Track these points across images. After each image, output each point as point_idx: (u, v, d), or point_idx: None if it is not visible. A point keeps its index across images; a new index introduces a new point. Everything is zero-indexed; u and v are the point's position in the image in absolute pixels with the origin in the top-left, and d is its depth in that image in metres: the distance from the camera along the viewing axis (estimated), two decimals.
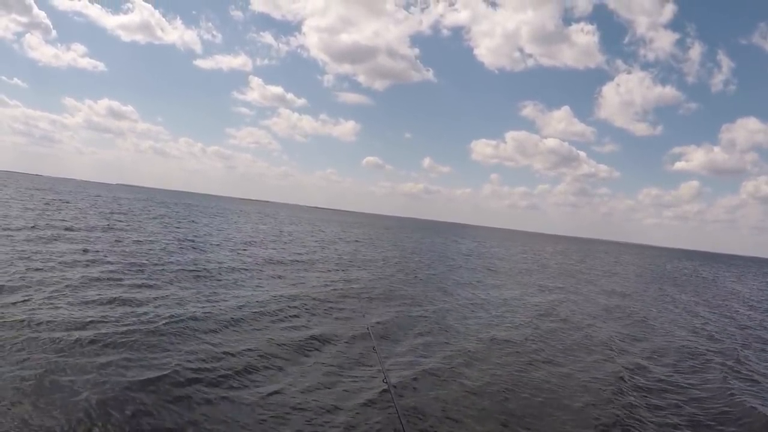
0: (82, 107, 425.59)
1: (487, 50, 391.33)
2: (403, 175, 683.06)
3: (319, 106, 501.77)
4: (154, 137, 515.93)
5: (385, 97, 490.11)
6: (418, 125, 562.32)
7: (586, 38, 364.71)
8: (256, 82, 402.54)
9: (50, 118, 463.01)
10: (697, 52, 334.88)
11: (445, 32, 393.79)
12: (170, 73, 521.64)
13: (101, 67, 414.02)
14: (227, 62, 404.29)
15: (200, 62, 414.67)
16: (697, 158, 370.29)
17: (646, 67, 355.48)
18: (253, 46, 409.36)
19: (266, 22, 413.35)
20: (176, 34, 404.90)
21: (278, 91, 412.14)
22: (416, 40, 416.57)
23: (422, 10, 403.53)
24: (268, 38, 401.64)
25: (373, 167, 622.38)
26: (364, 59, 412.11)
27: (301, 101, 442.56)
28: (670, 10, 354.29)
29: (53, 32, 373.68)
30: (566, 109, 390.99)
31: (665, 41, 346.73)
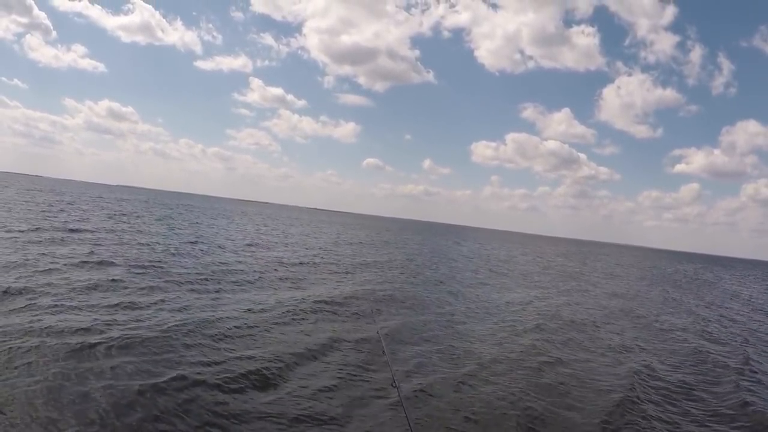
0: (82, 108, 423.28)
1: (487, 52, 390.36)
2: (403, 176, 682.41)
3: (319, 107, 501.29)
4: (154, 138, 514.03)
5: (385, 98, 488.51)
6: (418, 127, 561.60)
7: (586, 40, 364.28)
8: (256, 83, 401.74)
9: (50, 119, 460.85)
10: (697, 54, 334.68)
11: (445, 34, 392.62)
12: (170, 74, 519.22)
13: (101, 68, 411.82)
14: (227, 63, 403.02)
15: (200, 63, 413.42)
16: (697, 161, 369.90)
17: (646, 69, 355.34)
18: (253, 47, 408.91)
19: (267, 23, 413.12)
20: (177, 35, 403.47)
21: (278, 92, 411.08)
22: (417, 41, 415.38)
23: (423, 11, 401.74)
24: (268, 39, 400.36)
25: (373, 169, 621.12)
26: (364, 61, 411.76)
27: (301, 102, 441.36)
28: (670, 12, 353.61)
29: (53, 33, 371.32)
30: (567, 111, 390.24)
31: (666, 43, 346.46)
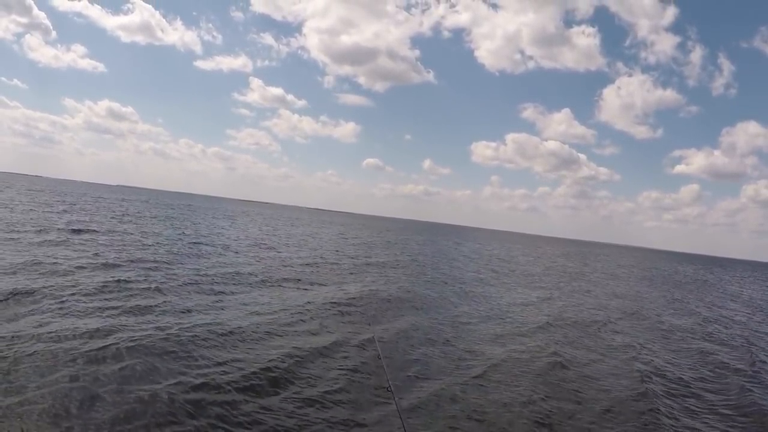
0: (82, 108, 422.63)
1: (487, 52, 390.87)
2: (403, 176, 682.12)
3: (319, 107, 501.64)
4: (154, 138, 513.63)
5: (385, 98, 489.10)
6: (418, 127, 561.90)
7: (587, 41, 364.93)
8: (256, 83, 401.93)
9: (50, 119, 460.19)
10: (698, 55, 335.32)
11: (445, 34, 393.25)
12: (170, 74, 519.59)
13: (101, 68, 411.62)
14: (227, 63, 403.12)
15: (200, 63, 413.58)
16: (697, 162, 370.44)
17: (647, 70, 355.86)
18: (253, 47, 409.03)
19: (267, 23, 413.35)
20: (176, 35, 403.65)
21: (278, 92, 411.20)
22: (417, 41, 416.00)
23: (423, 11, 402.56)
24: (268, 39, 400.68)
25: (373, 169, 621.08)
26: (364, 61, 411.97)
27: (301, 102, 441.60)
28: (671, 13, 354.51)
29: (53, 33, 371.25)
30: (567, 111, 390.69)
31: (666, 44, 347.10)
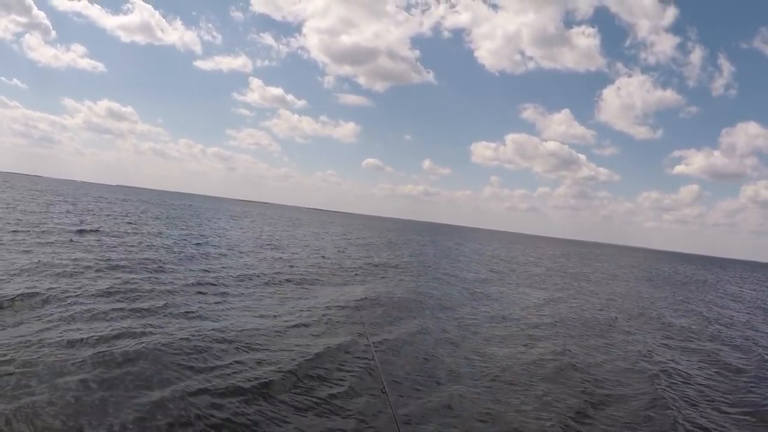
0: (81, 108, 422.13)
1: (487, 52, 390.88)
2: (403, 176, 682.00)
3: (319, 107, 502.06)
4: (154, 138, 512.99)
5: (385, 98, 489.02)
6: (418, 127, 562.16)
7: (587, 41, 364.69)
8: (256, 83, 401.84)
9: (50, 119, 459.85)
10: (698, 55, 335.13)
11: (445, 34, 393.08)
12: (170, 74, 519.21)
13: (101, 67, 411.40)
14: (227, 63, 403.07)
15: (200, 63, 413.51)
16: (697, 162, 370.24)
17: (646, 70, 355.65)
18: (253, 47, 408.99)
19: (267, 23, 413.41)
20: (176, 34, 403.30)
21: (278, 92, 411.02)
22: (417, 41, 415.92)
23: (423, 11, 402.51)
24: (268, 39, 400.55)
25: (373, 169, 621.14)
26: (364, 61, 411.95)
27: (301, 102, 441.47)
28: (671, 13, 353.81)
29: (53, 33, 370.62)
30: (566, 112, 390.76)
31: (666, 45, 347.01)
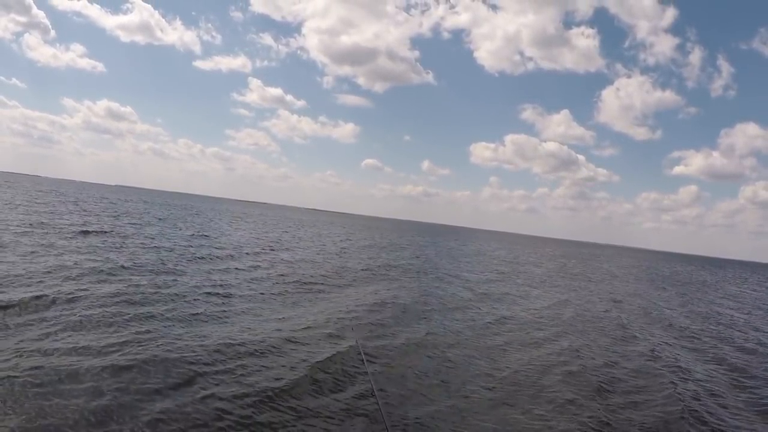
0: (81, 108, 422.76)
1: (487, 53, 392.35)
2: (402, 177, 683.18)
3: (318, 107, 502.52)
4: (153, 138, 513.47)
5: (384, 99, 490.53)
6: (417, 127, 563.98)
7: (586, 42, 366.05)
8: (255, 83, 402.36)
9: (49, 118, 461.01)
10: (697, 56, 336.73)
11: (445, 35, 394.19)
12: (170, 74, 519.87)
13: (100, 67, 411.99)
14: (227, 63, 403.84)
15: (200, 63, 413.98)
16: (696, 163, 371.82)
17: (646, 71, 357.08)
18: (252, 47, 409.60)
19: (266, 23, 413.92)
20: (176, 34, 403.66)
21: (278, 92, 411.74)
22: (416, 42, 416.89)
23: (422, 12, 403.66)
24: (267, 39, 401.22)
25: (372, 169, 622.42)
26: (364, 61, 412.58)
27: (300, 103, 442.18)
28: (671, 14, 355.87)
29: (52, 32, 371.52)
30: (566, 112, 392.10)
31: (665, 45, 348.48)
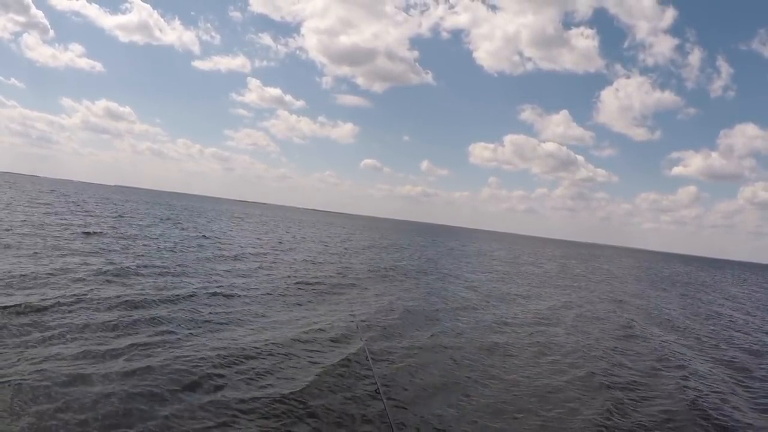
0: (79, 108, 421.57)
1: (486, 53, 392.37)
2: (401, 177, 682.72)
3: (317, 108, 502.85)
4: (152, 138, 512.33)
5: (383, 99, 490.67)
6: (416, 128, 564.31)
7: (585, 42, 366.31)
8: (254, 83, 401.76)
9: (48, 118, 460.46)
10: (696, 57, 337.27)
11: (444, 35, 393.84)
12: (168, 74, 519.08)
13: (99, 67, 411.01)
14: (225, 63, 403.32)
15: (198, 63, 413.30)
16: (695, 163, 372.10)
17: (645, 71, 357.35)
18: (251, 47, 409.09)
19: (265, 23, 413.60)
20: (175, 34, 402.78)
21: (277, 92, 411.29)
22: (415, 42, 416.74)
23: (422, 12, 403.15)
24: (266, 39, 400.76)
25: (371, 170, 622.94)
26: (363, 61, 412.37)
27: (299, 103, 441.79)
28: (670, 15, 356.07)
29: (51, 32, 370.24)
30: (565, 113, 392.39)
31: (665, 46, 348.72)
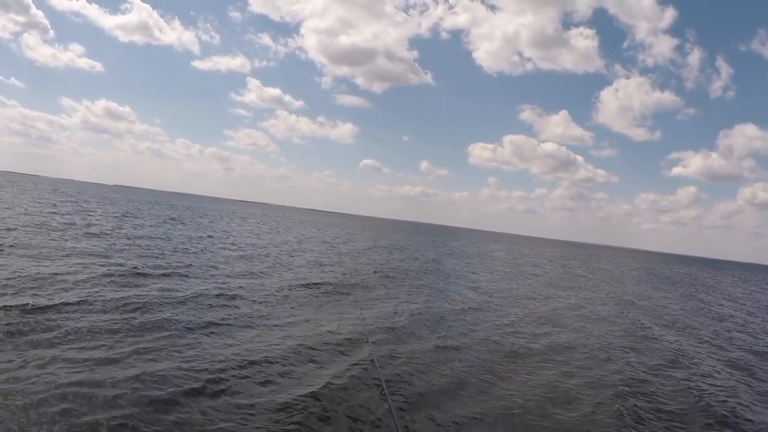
0: (79, 108, 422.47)
1: (486, 53, 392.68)
2: (400, 177, 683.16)
3: (317, 108, 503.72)
4: (151, 138, 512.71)
5: (383, 99, 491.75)
6: (416, 128, 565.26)
7: (585, 42, 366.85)
8: (254, 83, 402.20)
9: (48, 118, 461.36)
10: (696, 57, 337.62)
11: (444, 35, 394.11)
12: (168, 74, 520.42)
13: (99, 67, 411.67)
14: (225, 63, 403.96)
15: (198, 63, 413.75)
16: (694, 164, 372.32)
17: (645, 72, 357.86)
18: (251, 47, 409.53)
19: (265, 23, 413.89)
20: (174, 34, 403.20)
21: (276, 92, 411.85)
22: (415, 42, 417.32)
23: (421, 12, 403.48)
24: (266, 40, 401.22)
25: (370, 170, 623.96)
26: (362, 61, 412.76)
27: (299, 103, 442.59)
28: (670, 15, 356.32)
29: (51, 32, 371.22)
30: (564, 113, 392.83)
31: (665, 46, 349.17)
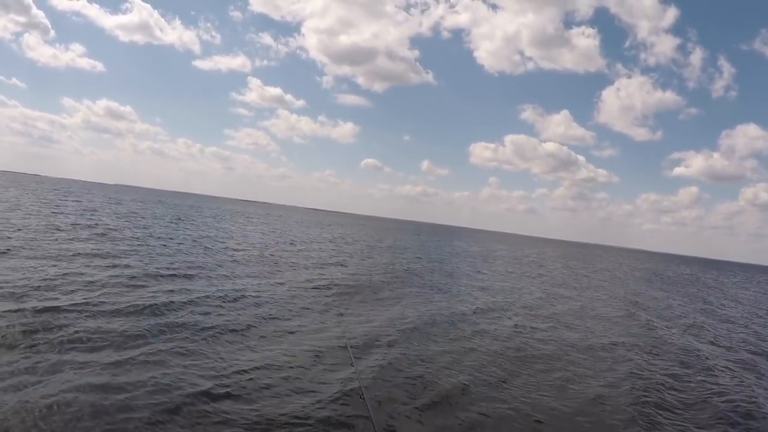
0: (80, 107, 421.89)
1: (486, 53, 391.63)
2: (401, 177, 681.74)
3: (317, 107, 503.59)
4: (152, 138, 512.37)
5: (384, 99, 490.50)
6: (417, 127, 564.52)
7: (586, 42, 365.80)
8: (254, 83, 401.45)
9: (48, 118, 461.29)
10: (698, 57, 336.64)
11: (445, 34, 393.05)
12: (169, 73, 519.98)
13: (100, 67, 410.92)
14: (226, 63, 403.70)
15: (199, 63, 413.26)
16: (696, 164, 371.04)
17: (646, 71, 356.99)
18: (252, 47, 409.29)
19: (265, 22, 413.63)
20: (175, 34, 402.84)
21: (277, 92, 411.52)
22: (416, 42, 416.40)
23: (422, 12, 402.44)
24: (267, 39, 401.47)
25: (371, 169, 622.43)
26: (363, 61, 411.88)
27: (299, 102, 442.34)
28: (671, 14, 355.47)
29: (52, 32, 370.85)
30: (565, 113, 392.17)
31: (666, 46, 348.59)
